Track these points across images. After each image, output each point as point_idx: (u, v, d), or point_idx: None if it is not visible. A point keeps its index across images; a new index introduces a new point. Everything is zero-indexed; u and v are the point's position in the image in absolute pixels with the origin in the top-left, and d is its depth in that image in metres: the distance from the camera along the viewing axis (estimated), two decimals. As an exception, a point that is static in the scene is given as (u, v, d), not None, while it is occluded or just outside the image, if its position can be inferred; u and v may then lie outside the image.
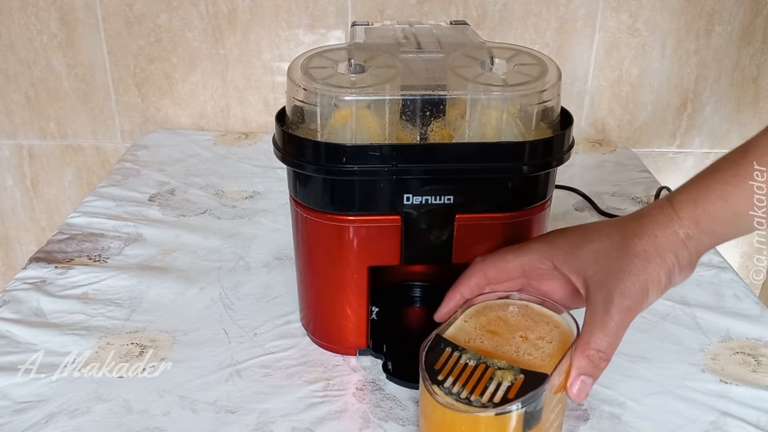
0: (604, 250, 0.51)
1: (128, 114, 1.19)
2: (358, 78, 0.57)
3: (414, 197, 0.56)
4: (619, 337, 0.49)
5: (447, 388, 0.47)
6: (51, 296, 0.71)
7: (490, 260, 0.56)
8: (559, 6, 1.10)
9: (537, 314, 0.54)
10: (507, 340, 0.51)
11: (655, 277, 0.49)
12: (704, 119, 1.19)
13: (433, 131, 0.56)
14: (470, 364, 0.48)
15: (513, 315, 0.53)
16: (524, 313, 0.54)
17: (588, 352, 0.48)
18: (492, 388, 0.46)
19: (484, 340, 0.51)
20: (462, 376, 0.47)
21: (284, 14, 1.11)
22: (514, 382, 0.46)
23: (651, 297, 0.50)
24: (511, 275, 0.55)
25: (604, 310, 0.48)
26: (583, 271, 0.51)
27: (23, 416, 0.56)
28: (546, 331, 0.52)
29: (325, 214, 0.57)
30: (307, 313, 0.66)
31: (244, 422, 0.56)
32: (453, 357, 0.49)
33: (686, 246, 0.50)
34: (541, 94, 0.56)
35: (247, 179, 1.00)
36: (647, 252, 0.49)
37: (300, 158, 0.55)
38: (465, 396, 0.46)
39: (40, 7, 1.11)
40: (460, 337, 0.52)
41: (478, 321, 0.53)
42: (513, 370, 0.47)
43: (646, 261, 0.49)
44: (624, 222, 0.52)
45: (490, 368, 0.48)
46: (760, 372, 0.62)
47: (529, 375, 0.47)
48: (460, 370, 0.48)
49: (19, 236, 1.30)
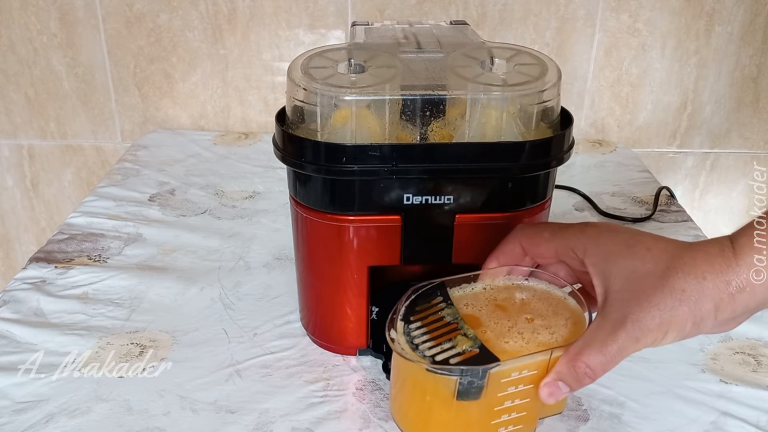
0: (642, 273, 0.46)
1: (128, 114, 1.19)
2: (358, 78, 0.57)
3: (414, 197, 0.56)
4: (614, 362, 0.45)
5: (410, 329, 0.48)
6: (51, 296, 0.71)
7: (528, 232, 0.53)
8: (559, 6, 1.10)
9: (565, 308, 0.51)
10: (509, 316, 0.51)
11: (681, 322, 0.45)
12: (704, 119, 1.19)
13: (433, 131, 0.56)
14: (445, 319, 0.49)
15: (536, 301, 0.52)
16: (551, 303, 0.52)
17: (576, 364, 0.45)
18: (445, 347, 0.46)
19: (483, 308, 0.51)
20: (430, 327, 0.48)
21: (284, 14, 1.11)
22: (466, 352, 0.46)
23: (668, 338, 0.45)
24: (544, 254, 0.52)
25: (611, 330, 0.45)
26: (608, 283, 0.47)
27: (23, 416, 0.56)
28: (559, 325, 0.50)
29: (325, 214, 0.57)
30: (307, 313, 0.66)
31: (244, 422, 0.56)
32: (437, 307, 0.49)
33: (733, 300, 0.44)
34: (541, 94, 0.56)
35: (247, 179, 1.00)
36: (685, 292, 0.44)
37: (300, 158, 0.55)
38: (418, 343, 0.47)
39: (40, 7, 1.11)
40: (464, 299, 0.52)
41: (496, 294, 0.53)
42: (473, 342, 0.47)
43: (679, 302, 0.44)
44: (678, 250, 0.47)
45: (457, 331, 0.48)
46: (760, 372, 0.62)
47: (484, 352, 0.46)
48: (434, 320, 0.48)
49: (19, 236, 1.30)
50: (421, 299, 0.50)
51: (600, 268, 0.48)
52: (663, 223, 0.88)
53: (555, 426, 0.56)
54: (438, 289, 0.51)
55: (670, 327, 0.45)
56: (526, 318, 0.50)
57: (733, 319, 0.46)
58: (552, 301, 0.52)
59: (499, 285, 0.54)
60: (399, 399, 0.52)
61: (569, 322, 0.50)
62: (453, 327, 0.48)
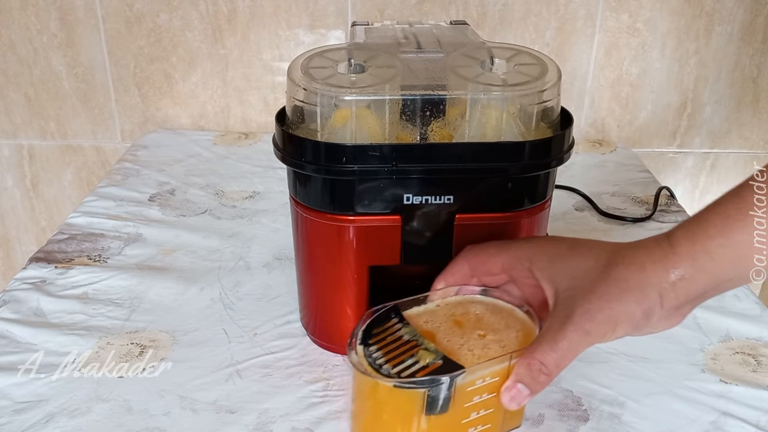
0: (585, 269, 0.48)
1: (128, 114, 1.19)
2: (357, 78, 0.57)
3: (414, 197, 0.56)
4: (567, 358, 0.46)
5: (371, 351, 0.47)
6: (51, 296, 0.71)
7: (475, 250, 0.54)
8: (559, 6, 1.10)
9: (515, 320, 0.52)
10: (464, 332, 0.51)
11: (629, 311, 0.46)
12: (704, 119, 1.19)
13: (434, 131, 0.56)
14: (404, 338, 0.49)
15: (489, 316, 0.53)
16: (502, 316, 0.53)
17: (530, 361, 0.46)
18: (408, 363, 0.46)
19: (442, 325, 0.51)
20: (390, 347, 0.48)
21: (284, 14, 1.11)
22: (430, 365, 0.46)
23: (618, 330, 0.46)
24: (492, 270, 0.53)
25: (560, 325, 0.46)
26: (556, 284, 0.49)
27: (23, 416, 0.56)
28: (510, 338, 0.51)
29: (325, 214, 0.57)
30: (307, 312, 0.66)
31: (244, 422, 0.56)
32: (394, 327, 0.50)
33: (675, 288, 0.45)
34: (541, 94, 0.56)
35: (247, 179, 1.00)
36: (628, 282, 0.46)
37: (300, 158, 0.55)
38: (380, 363, 0.47)
39: (40, 7, 1.11)
40: (422, 317, 0.52)
41: (452, 310, 0.53)
42: (435, 354, 0.47)
43: (622, 291, 0.46)
44: (618, 247, 0.49)
45: (417, 347, 0.48)
46: (760, 372, 0.62)
47: (448, 363, 0.47)
48: (393, 340, 0.49)
49: (19, 236, 1.30)
50: (377, 322, 0.50)
51: (547, 272, 0.50)
52: (663, 223, 0.88)
53: (555, 426, 0.56)
54: (392, 311, 0.52)
55: (619, 318, 0.46)
56: (479, 334, 0.51)
57: (678, 309, 0.47)
58: (503, 314, 0.53)
59: (453, 300, 0.54)
60: (361, 422, 0.52)
61: (520, 334, 0.51)
62: (413, 344, 0.48)
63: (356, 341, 0.48)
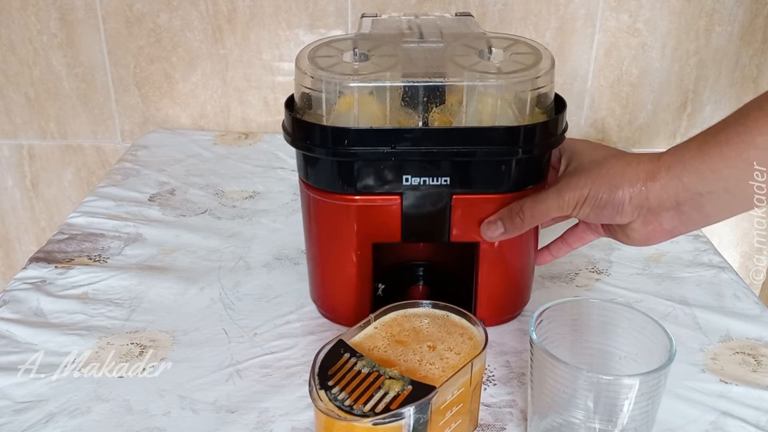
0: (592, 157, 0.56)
1: (128, 114, 1.19)
2: (361, 66, 0.59)
3: (412, 178, 0.59)
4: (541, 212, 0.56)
5: (334, 394, 0.45)
6: (51, 296, 0.71)
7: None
8: (559, 6, 1.10)
9: (453, 325, 0.54)
10: (413, 349, 0.51)
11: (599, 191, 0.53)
12: (704, 119, 1.19)
13: (434, 117, 0.59)
14: (363, 371, 0.47)
15: (427, 325, 0.54)
16: (440, 324, 0.54)
17: (513, 205, 0.58)
18: (377, 397, 0.45)
19: (388, 349, 0.51)
20: (351, 384, 0.46)
21: (284, 14, 1.11)
22: (401, 393, 0.45)
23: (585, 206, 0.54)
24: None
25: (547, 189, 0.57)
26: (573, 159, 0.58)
27: (23, 416, 0.56)
28: (457, 343, 0.51)
29: (331, 194, 0.60)
30: (316, 288, 0.68)
31: (244, 422, 0.56)
32: (349, 363, 0.48)
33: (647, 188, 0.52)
34: (535, 80, 0.58)
35: (247, 179, 1.00)
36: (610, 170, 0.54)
37: (307, 141, 0.59)
38: (349, 404, 0.45)
39: (40, 7, 1.11)
40: (365, 344, 0.51)
41: (390, 330, 0.53)
42: (402, 381, 0.46)
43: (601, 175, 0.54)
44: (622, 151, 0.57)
45: (381, 377, 0.47)
46: (760, 372, 0.62)
47: (418, 386, 0.46)
48: (353, 377, 0.47)
49: (19, 236, 1.30)
50: (329, 362, 0.48)
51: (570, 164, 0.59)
52: (663, 223, 0.88)
53: (555, 426, 0.56)
54: (339, 346, 0.50)
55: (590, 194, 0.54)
56: (428, 346, 0.51)
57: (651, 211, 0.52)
58: (439, 321, 0.54)
59: (387, 320, 0.54)
60: None
61: (465, 338, 0.52)
62: (375, 375, 0.47)
63: (316, 388, 0.46)
